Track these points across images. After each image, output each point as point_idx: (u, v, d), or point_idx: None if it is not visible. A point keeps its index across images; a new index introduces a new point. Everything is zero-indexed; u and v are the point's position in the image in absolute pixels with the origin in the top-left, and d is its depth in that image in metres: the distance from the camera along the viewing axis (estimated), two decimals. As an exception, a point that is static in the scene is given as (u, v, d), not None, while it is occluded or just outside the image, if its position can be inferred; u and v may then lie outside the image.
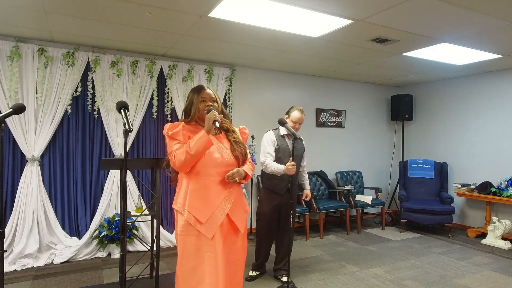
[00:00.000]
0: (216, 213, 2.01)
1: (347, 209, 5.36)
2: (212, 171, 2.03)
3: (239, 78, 5.22)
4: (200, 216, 1.98)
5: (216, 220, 2.00)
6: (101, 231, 4.06)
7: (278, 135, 3.44)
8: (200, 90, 2.16)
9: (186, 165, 1.99)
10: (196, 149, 1.94)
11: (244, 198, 2.23)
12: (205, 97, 2.14)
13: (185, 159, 1.95)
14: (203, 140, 1.95)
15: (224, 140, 2.17)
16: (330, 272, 3.76)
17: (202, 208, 2.00)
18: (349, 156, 6.31)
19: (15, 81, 3.81)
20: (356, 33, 3.63)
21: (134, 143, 4.53)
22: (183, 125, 2.08)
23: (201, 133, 1.97)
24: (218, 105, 2.16)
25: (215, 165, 2.03)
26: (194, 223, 1.98)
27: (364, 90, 6.49)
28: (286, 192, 3.42)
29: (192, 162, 1.98)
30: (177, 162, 1.99)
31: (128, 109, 2.02)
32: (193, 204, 2.00)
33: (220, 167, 2.05)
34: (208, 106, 2.11)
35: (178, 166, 2.01)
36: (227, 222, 2.05)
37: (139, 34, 3.78)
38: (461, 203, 5.70)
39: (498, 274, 3.76)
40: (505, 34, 3.61)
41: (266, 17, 3.24)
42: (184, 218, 2.00)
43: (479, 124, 5.53)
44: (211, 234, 1.98)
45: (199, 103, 2.12)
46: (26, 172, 3.93)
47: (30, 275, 3.57)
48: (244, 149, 2.19)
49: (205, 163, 2.01)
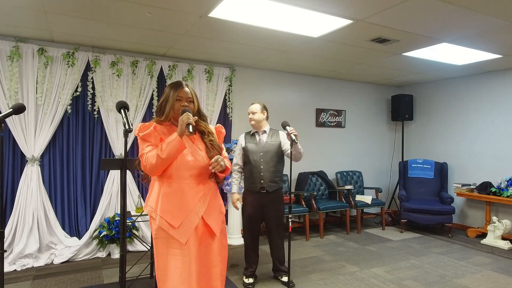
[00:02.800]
0: (190, 217, 1.93)
1: (347, 209, 5.36)
2: (185, 174, 1.95)
3: (239, 78, 5.22)
4: (173, 221, 1.90)
5: (190, 224, 1.92)
6: (101, 231, 4.06)
7: (248, 135, 3.45)
8: (177, 87, 2.03)
9: (158, 169, 1.91)
10: (168, 153, 1.85)
11: (219, 199, 2.14)
12: (181, 96, 2.01)
13: (156, 163, 1.86)
14: (175, 144, 1.85)
15: (198, 142, 2.07)
16: (330, 272, 3.76)
17: (175, 213, 1.92)
18: (349, 156, 6.31)
19: (15, 81, 3.81)
20: (356, 33, 3.63)
21: (134, 143, 4.53)
22: (155, 125, 1.98)
23: (173, 136, 1.87)
24: (194, 105, 2.06)
25: (188, 168, 1.96)
26: (166, 228, 1.90)
27: (364, 90, 6.49)
28: (267, 192, 3.30)
29: (164, 165, 1.90)
30: (148, 166, 1.90)
31: (128, 109, 2.02)
32: (165, 209, 1.92)
33: (194, 170, 1.97)
34: (183, 106, 1.99)
35: (149, 170, 1.92)
36: (202, 225, 1.97)
37: (139, 34, 3.78)
38: (461, 203, 5.70)
39: (498, 274, 3.76)
40: (505, 34, 3.61)
41: (266, 17, 3.24)
42: (157, 223, 1.92)
43: (479, 124, 5.53)
44: (185, 239, 1.90)
45: (174, 101, 2.00)
46: (26, 172, 3.93)
47: (30, 275, 3.57)
48: (219, 152, 2.10)
49: (177, 165, 1.94)
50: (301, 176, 5.58)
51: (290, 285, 3.35)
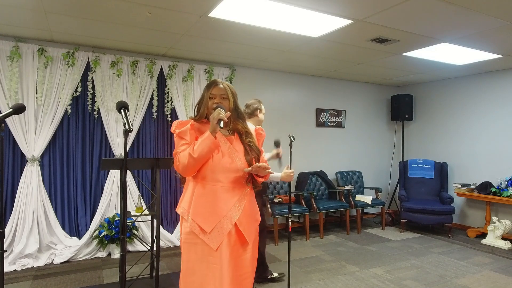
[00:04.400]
0: (222, 222, 1.82)
1: (347, 209, 5.36)
2: (220, 176, 1.84)
3: (239, 78, 5.22)
4: (205, 225, 1.81)
5: (222, 230, 1.81)
6: (101, 231, 4.06)
7: None
8: (210, 85, 1.96)
9: (190, 170, 1.81)
10: (200, 152, 1.76)
11: (255, 206, 2.01)
12: (214, 93, 1.93)
13: (188, 163, 1.77)
14: (207, 142, 1.76)
15: (236, 143, 1.94)
16: (330, 272, 3.76)
17: (208, 217, 1.82)
18: (349, 156, 6.31)
19: (15, 81, 3.81)
20: (356, 33, 3.63)
21: (134, 143, 4.53)
22: (192, 123, 1.90)
23: (206, 134, 1.78)
24: (229, 103, 1.93)
25: (225, 170, 1.85)
26: (198, 233, 1.81)
27: (364, 90, 6.49)
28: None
29: (196, 166, 1.80)
30: (180, 166, 1.81)
31: (128, 109, 2.02)
32: (198, 212, 1.83)
33: (230, 173, 1.85)
34: (216, 103, 1.90)
35: (181, 170, 1.83)
36: (235, 232, 1.86)
37: (139, 34, 3.78)
38: (461, 203, 5.70)
39: (498, 274, 3.76)
40: (505, 34, 3.61)
41: (266, 17, 3.24)
42: (188, 225, 1.83)
43: (479, 124, 5.53)
44: (216, 245, 1.79)
45: (208, 100, 1.93)
46: (26, 172, 3.93)
47: (30, 275, 3.57)
48: (258, 155, 1.97)
49: (213, 167, 1.83)
50: (301, 176, 5.59)
51: (280, 275, 3.45)
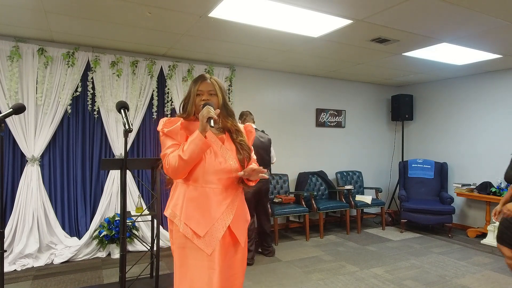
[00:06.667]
0: (216, 225, 1.74)
1: (347, 209, 5.35)
2: (213, 178, 1.75)
3: (239, 78, 5.22)
4: (198, 229, 1.71)
5: (216, 233, 1.73)
6: (101, 231, 4.06)
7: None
8: (197, 81, 1.84)
9: (180, 172, 1.71)
10: (190, 154, 1.65)
11: (245, 206, 1.95)
12: (201, 89, 1.81)
13: (179, 165, 1.67)
14: (198, 142, 1.66)
15: (227, 142, 1.85)
16: (330, 272, 3.76)
17: (201, 220, 1.73)
18: (349, 156, 6.31)
19: (15, 81, 3.81)
20: (356, 33, 3.63)
21: (134, 143, 4.53)
22: (182, 122, 1.78)
23: (195, 134, 1.67)
24: (218, 99, 1.83)
25: (217, 171, 1.75)
26: (191, 237, 1.71)
27: (364, 90, 6.49)
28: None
29: (187, 168, 1.70)
30: (170, 169, 1.70)
31: (128, 109, 2.02)
32: (190, 215, 1.73)
33: (222, 174, 1.76)
34: (203, 101, 1.78)
35: (172, 173, 1.73)
36: (228, 234, 1.79)
37: (139, 34, 3.78)
38: (461, 203, 5.70)
39: (498, 274, 3.76)
40: (505, 34, 3.60)
41: (266, 17, 3.24)
42: (180, 230, 1.73)
43: (479, 124, 5.53)
44: (211, 249, 1.71)
45: (195, 96, 1.81)
46: (26, 172, 3.93)
47: (30, 275, 3.57)
48: (249, 153, 1.88)
49: (205, 168, 1.73)
50: (301, 176, 5.59)
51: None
